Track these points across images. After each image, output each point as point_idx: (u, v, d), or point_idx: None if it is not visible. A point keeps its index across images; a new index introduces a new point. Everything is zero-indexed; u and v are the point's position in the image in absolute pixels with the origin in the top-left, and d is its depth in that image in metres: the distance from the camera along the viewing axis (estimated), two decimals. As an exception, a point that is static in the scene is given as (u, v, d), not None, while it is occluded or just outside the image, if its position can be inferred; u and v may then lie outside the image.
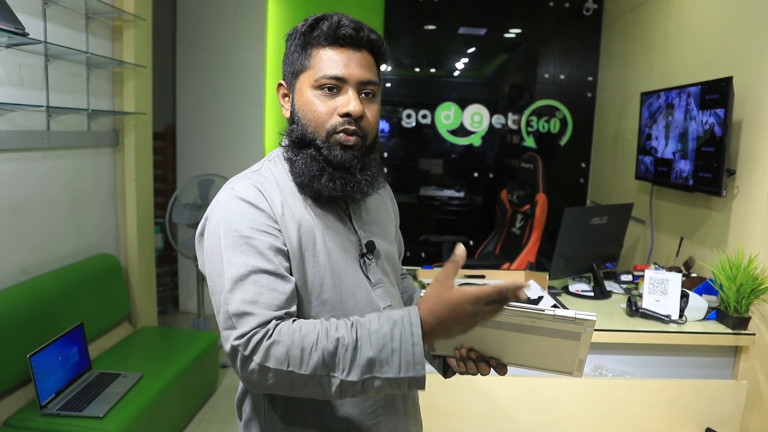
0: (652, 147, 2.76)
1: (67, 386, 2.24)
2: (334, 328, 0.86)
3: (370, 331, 0.85)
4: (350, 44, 0.98)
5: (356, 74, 0.98)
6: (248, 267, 0.89)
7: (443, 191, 4.43)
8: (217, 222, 0.94)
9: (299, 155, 1.00)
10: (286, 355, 0.83)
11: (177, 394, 2.55)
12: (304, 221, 0.98)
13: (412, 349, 0.84)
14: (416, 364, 0.84)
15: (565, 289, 2.42)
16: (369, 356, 0.84)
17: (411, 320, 0.85)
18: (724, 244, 2.27)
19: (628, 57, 3.53)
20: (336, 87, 0.98)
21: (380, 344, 0.84)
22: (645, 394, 1.98)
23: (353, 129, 0.98)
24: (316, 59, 0.98)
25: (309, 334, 0.84)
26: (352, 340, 0.84)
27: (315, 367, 0.83)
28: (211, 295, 0.93)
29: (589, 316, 0.92)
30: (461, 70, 4.35)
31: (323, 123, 0.98)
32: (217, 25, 4.06)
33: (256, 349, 0.84)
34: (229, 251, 0.91)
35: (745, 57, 2.19)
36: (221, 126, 4.15)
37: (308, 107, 0.99)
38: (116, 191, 3.06)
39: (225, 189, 0.98)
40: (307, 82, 0.99)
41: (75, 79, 2.66)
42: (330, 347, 0.83)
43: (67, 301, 2.48)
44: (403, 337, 0.84)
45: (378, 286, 1.06)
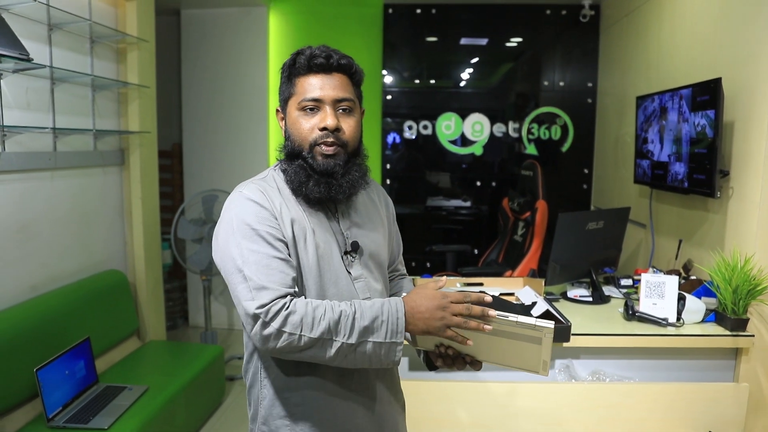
0: (648, 150, 2.76)
1: (74, 399, 2.28)
2: (337, 304, 1.09)
3: (365, 308, 1.10)
4: (323, 70, 1.18)
5: (330, 94, 1.18)
6: (260, 253, 1.09)
7: (450, 201, 4.45)
8: (230, 218, 1.14)
9: (291, 165, 1.20)
10: (300, 322, 1.05)
11: (182, 407, 2.58)
12: (298, 219, 1.18)
13: (396, 321, 1.10)
14: (398, 333, 1.09)
15: (564, 295, 2.42)
16: (365, 324, 1.08)
17: (397, 304, 1.11)
18: (721, 246, 2.26)
19: (625, 61, 3.54)
20: (315, 107, 1.18)
21: (373, 316, 1.09)
22: (644, 399, 1.97)
23: (331, 141, 1.18)
24: (298, 86, 1.20)
25: (319, 307, 1.07)
26: (351, 312, 1.08)
27: (322, 332, 1.06)
28: (227, 277, 1.12)
29: (548, 324, 1.07)
30: (461, 80, 4.38)
31: (306, 137, 1.18)
32: (219, 45, 4.14)
33: (275, 316, 1.04)
34: (244, 241, 1.11)
35: (734, 58, 2.19)
36: (227, 143, 4.22)
37: (295, 126, 1.20)
38: (123, 209, 3.13)
39: (236, 191, 1.19)
40: (294, 106, 1.20)
41: (80, 100, 2.73)
42: (335, 317, 1.07)
43: (75, 316, 2.53)
44: (390, 313, 1.10)
45: (359, 279, 1.24)
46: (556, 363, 2.06)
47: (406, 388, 1.66)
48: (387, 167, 4.35)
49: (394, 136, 4.35)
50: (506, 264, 3.54)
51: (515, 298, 2.28)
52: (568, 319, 1.99)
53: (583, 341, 1.98)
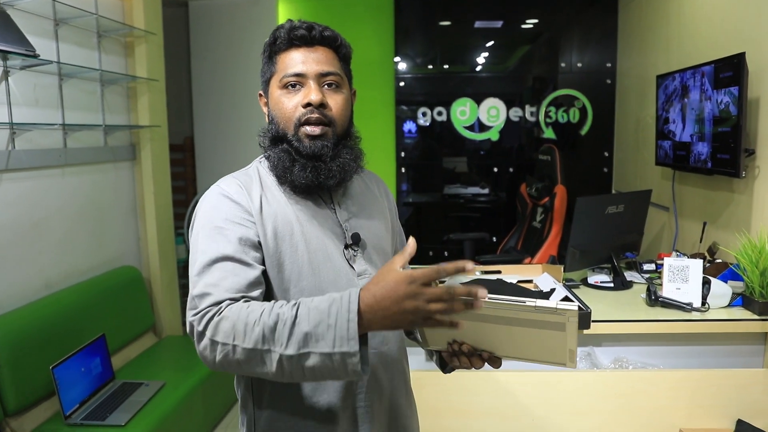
0: (669, 131, 2.70)
1: (91, 396, 2.32)
2: (278, 306, 0.91)
3: (310, 308, 0.89)
4: (305, 43, 1.09)
5: (313, 68, 1.08)
6: (217, 253, 0.98)
7: (467, 188, 4.42)
8: (201, 214, 1.05)
9: (274, 150, 1.10)
10: (231, 329, 0.89)
11: (199, 402, 2.61)
12: (283, 214, 1.07)
13: (347, 324, 0.86)
14: (350, 339, 0.86)
15: (584, 281, 2.39)
16: (306, 330, 0.87)
17: (350, 298, 0.88)
18: (747, 228, 2.20)
19: (644, 40, 3.46)
20: (298, 83, 1.08)
21: (317, 319, 0.87)
22: (669, 386, 1.94)
23: (316, 117, 1.07)
24: (279, 63, 1.10)
25: (254, 311, 0.90)
26: (291, 316, 0.88)
27: (256, 340, 0.88)
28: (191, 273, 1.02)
29: (571, 306, 0.93)
30: (477, 65, 4.33)
31: (290, 117, 1.08)
32: (229, 36, 4.15)
33: (207, 324, 0.91)
34: (204, 240, 1.01)
35: (758, 32, 2.13)
36: (239, 135, 4.23)
37: (277, 105, 1.10)
38: (136, 204, 3.16)
39: (214, 185, 1.09)
40: (275, 85, 1.11)
41: (89, 96, 2.75)
42: (270, 322, 0.88)
43: (90, 313, 2.56)
44: (339, 314, 0.87)
45: (363, 276, 1.10)
46: (578, 351, 2.03)
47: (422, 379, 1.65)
48: (402, 155, 4.33)
49: (409, 124, 4.32)
50: (525, 251, 3.51)
51: (534, 285, 2.26)
52: (587, 306, 1.96)
53: (604, 328, 1.95)
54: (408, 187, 4.41)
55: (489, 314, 0.98)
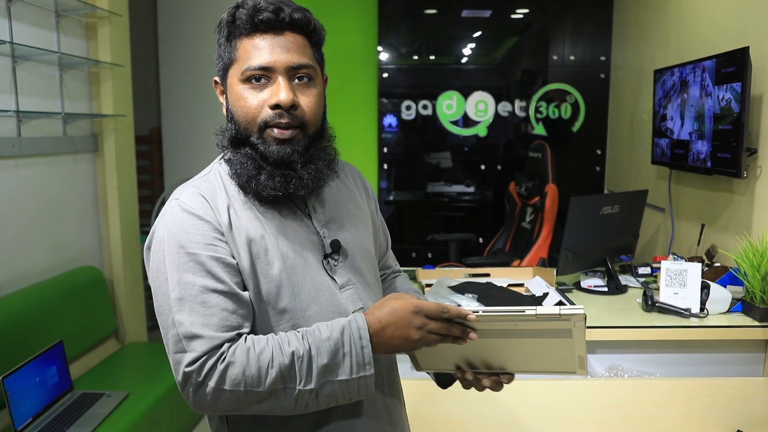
0: (667, 128, 2.71)
1: (46, 409, 2.25)
2: (286, 343, 0.91)
3: (321, 340, 0.91)
4: (272, 29, 0.97)
5: (283, 60, 0.97)
6: (196, 287, 0.91)
7: (451, 186, 4.41)
8: (162, 237, 0.95)
9: (237, 154, 1.00)
10: (242, 376, 0.88)
11: (166, 414, 2.55)
12: (253, 228, 0.98)
13: (361, 351, 0.92)
14: (366, 364, 0.93)
15: (577, 285, 2.39)
16: (324, 363, 0.90)
17: (358, 324, 0.93)
18: (748, 230, 2.22)
19: (641, 33, 3.48)
20: (264, 77, 0.97)
21: (333, 350, 0.91)
22: (665, 395, 1.94)
23: (286, 122, 0.97)
24: (240, 50, 0.98)
25: (264, 352, 0.89)
26: (306, 351, 0.90)
27: (272, 382, 0.88)
28: (157, 316, 0.95)
29: (576, 310, 0.91)
30: (465, 56, 4.32)
31: (254, 118, 0.98)
32: (200, 20, 4.07)
33: (210, 373, 0.87)
34: (175, 269, 0.92)
35: (762, 26, 2.15)
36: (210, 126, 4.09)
37: (238, 103, 0.99)
38: (97, 199, 3.08)
39: (171, 200, 0.99)
40: (235, 76, 0.99)
41: (47, 81, 2.68)
42: (286, 362, 0.89)
43: (46, 318, 2.49)
44: (352, 341, 0.92)
45: (347, 287, 1.05)
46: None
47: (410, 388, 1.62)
48: (384, 151, 4.30)
49: (390, 118, 4.29)
50: (513, 253, 3.51)
51: (525, 289, 2.25)
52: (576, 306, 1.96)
53: (599, 334, 1.95)
54: (390, 185, 4.39)
55: (486, 329, 0.96)
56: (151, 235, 0.99)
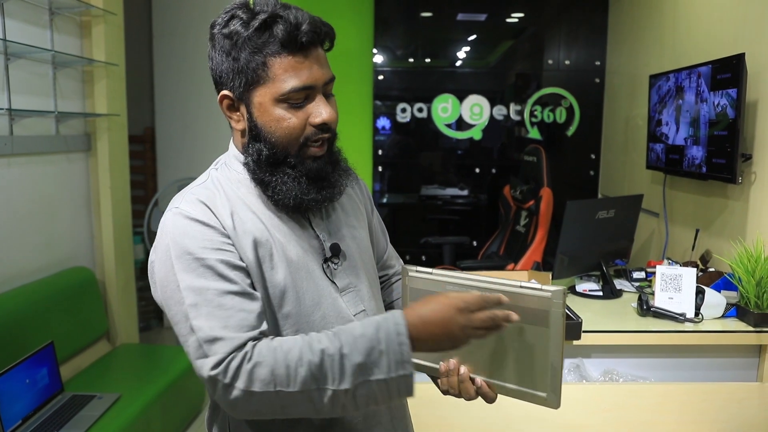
0: (662, 133, 2.73)
1: (36, 411, 2.22)
2: (316, 341, 0.87)
3: (355, 336, 0.87)
4: (310, 44, 0.94)
5: (321, 77, 0.96)
6: (209, 291, 0.89)
7: (446, 190, 4.40)
8: (166, 246, 0.92)
9: (275, 176, 0.97)
10: (271, 376, 0.84)
11: (158, 416, 2.53)
12: (258, 232, 0.97)
13: (399, 348, 0.87)
14: (404, 362, 0.87)
15: (572, 289, 2.39)
16: (358, 362, 0.86)
17: (395, 320, 0.88)
18: (743, 235, 2.23)
19: (637, 38, 3.50)
20: (306, 96, 0.96)
21: (368, 348, 0.86)
22: (660, 400, 1.95)
23: (327, 137, 0.98)
24: (275, 70, 0.93)
25: (291, 350, 0.86)
26: (337, 349, 0.86)
27: (303, 382, 0.85)
28: (173, 325, 0.92)
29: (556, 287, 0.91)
30: (460, 59, 4.33)
31: (297, 137, 0.96)
32: (195, 19, 4.05)
33: (237, 374, 0.84)
34: (186, 276, 0.90)
35: (758, 33, 2.16)
36: (204, 127, 4.14)
37: (278, 123, 0.95)
38: (90, 199, 3.06)
39: (170, 209, 0.97)
40: (269, 96, 0.95)
41: (40, 79, 2.65)
42: (316, 360, 0.85)
43: (37, 319, 2.46)
44: (389, 338, 0.87)
45: (347, 291, 1.05)
46: (565, 362, 2.03)
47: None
48: (379, 153, 4.30)
49: (383, 120, 4.29)
50: (508, 256, 3.51)
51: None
52: (578, 315, 1.96)
53: (594, 339, 1.95)
54: (384, 187, 4.38)
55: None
56: (154, 248, 0.96)
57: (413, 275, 1.06)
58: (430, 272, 1.03)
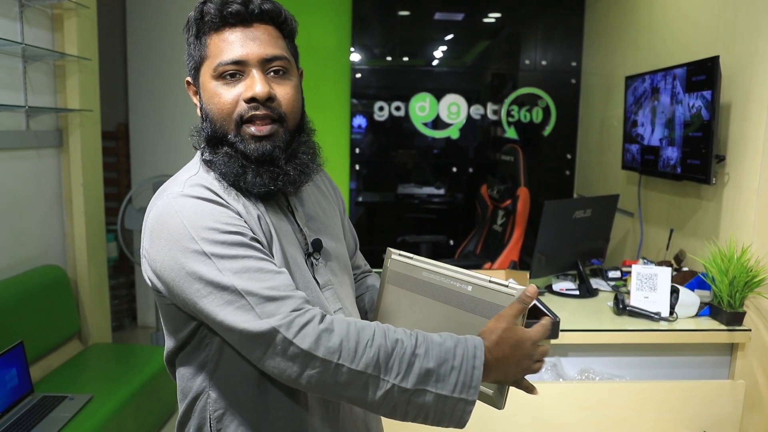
0: (638, 134, 2.75)
1: (5, 413, 2.15)
2: (392, 330, 0.85)
3: (433, 342, 0.85)
4: (241, 21, 0.94)
5: (255, 52, 0.93)
6: (246, 258, 0.86)
7: (422, 188, 4.40)
8: (179, 226, 0.87)
9: (216, 155, 0.96)
10: (339, 346, 0.81)
11: (131, 417, 2.47)
12: (260, 217, 0.96)
13: (472, 371, 0.84)
14: (471, 387, 0.84)
15: (549, 288, 2.40)
16: (428, 366, 0.83)
17: (475, 343, 0.86)
18: (716, 235, 2.26)
19: (612, 40, 3.53)
20: (237, 72, 0.94)
21: (442, 358, 0.84)
22: (636, 398, 1.97)
23: (263, 113, 0.94)
24: (211, 47, 0.95)
25: (366, 329, 0.84)
26: (411, 346, 0.84)
27: (367, 364, 0.82)
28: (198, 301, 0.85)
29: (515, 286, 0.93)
30: (437, 59, 4.32)
31: (230, 113, 0.94)
32: (169, 15, 3.98)
33: (303, 332, 0.81)
34: (216, 248, 0.85)
35: (732, 35, 2.19)
36: (179, 123, 4.06)
37: (212, 100, 0.95)
38: (62, 196, 2.98)
39: (164, 197, 0.92)
40: (208, 74, 0.96)
41: (9, 73, 2.57)
42: (388, 347, 0.83)
43: (6, 318, 2.39)
44: (465, 357, 0.85)
45: (327, 287, 1.03)
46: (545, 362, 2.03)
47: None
48: (356, 151, 4.27)
49: (359, 119, 4.26)
50: (485, 255, 3.52)
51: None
52: (556, 314, 1.97)
53: (571, 337, 1.96)
54: (360, 185, 4.36)
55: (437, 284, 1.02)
56: (154, 232, 0.90)
57: (395, 258, 1.09)
58: (411, 257, 1.07)
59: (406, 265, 1.07)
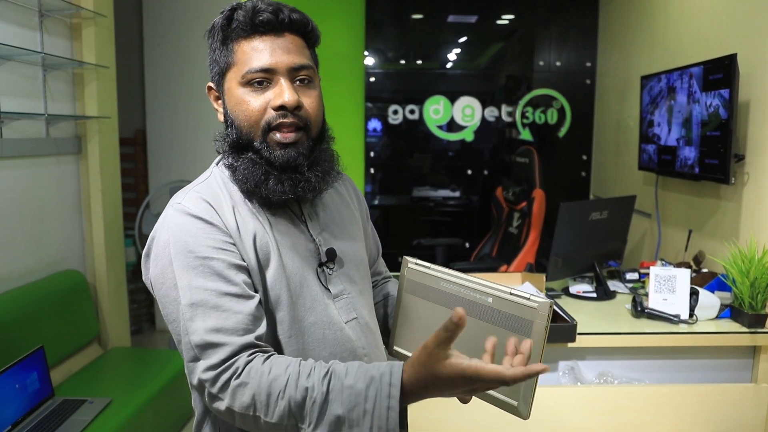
0: (654, 134, 2.71)
1: (26, 416, 2.17)
2: (305, 375, 0.83)
3: (344, 386, 0.82)
4: (271, 30, 0.95)
5: (284, 61, 0.95)
6: (207, 291, 0.87)
7: (437, 191, 4.38)
8: (166, 242, 0.91)
9: (239, 160, 0.97)
10: (252, 400, 0.83)
11: (150, 420, 2.48)
12: (259, 233, 0.96)
13: (386, 413, 0.79)
14: (389, 429, 0.79)
15: (566, 291, 2.37)
16: (338, 414, 0.81)
17: (391, 380, 0.80)
18: (736, 236, 2.22)
19: (627, 39, 3.49)
20: (265, 80, 0.95)
21: (352, 402, 0.80)
22: (655, 402, 1.93)
23: (290, 122, 0.95)
24: (239, 53, 0.96)
25: (278, 379, 0.83)
26: (321, 393, 0.82)
27: (281, 416, 0.82)
28: (167, 324, 0.92)
29: (542, 299, 0.90)
30: (451, 61, 4.31)
31: (257, 120, 0.95)
32: (186, 22, 4.01)
33: (224, 388, 0.84)
34: (184, 274, 0.88)
35: (750, 33, 2.15)
36: (195, 129, 4.09)
37: (239, 106, 0.96)
38: (81, 202, 3.00)
39: (171, 205, 0.95)
40: (234, 80, 0.96)
41: (30, 81, 2.60)
42: (298, 397, 0.82)
43: (27, 323, 2.41)
44: (378, 399, 0.80)
45: (341, 297, 1.02)
46: (560, 365, 2.01)
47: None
48: (371, 155, 4.26)
49: (374, 122, 4.25)
50: (500, 258, 3.49)
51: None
52: (573, 318, 1.94)
53: (589, 341, 1.93)
54: (376, 189, 4.35)
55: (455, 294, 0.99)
56: (151, 241, 0.95)
57: (412, 267, 1.07)
58: (428, 267, 1.05)
59: (423, 274, 1.05)
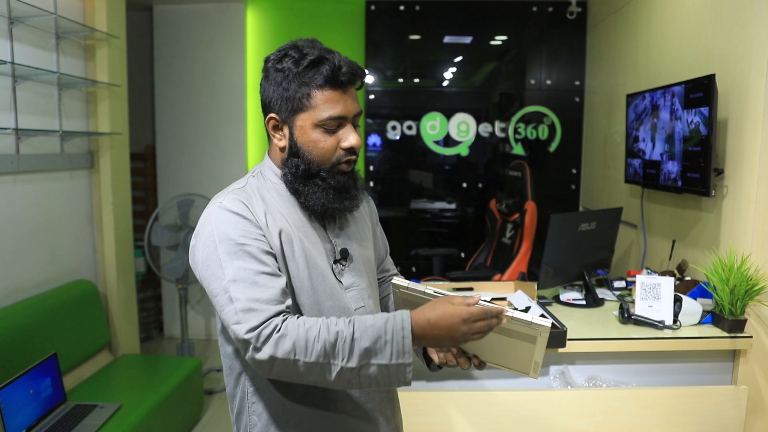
0: (639, 149, 2.75)
1: (39, 421, 2.19)
2: (333, 323, 1.01)
3: (366, 326, 1.01)
4: (348, 83, 1.13)
5: (352, 110, 1.14)
6: (246, 270, 1.04)
7: (434, 203, 4.42)
8: (211, 232, 1.08)
9: (307, 186, 1.15)
10: (292, 346, 0.98)
11: (158, 424, 2.50)
12: (285, 230, 1.13)
13: (402, 341, 1.00)
14: (405, 353, 1.00)
15: (556, 299, 2.40)
16: (366, 346, 1.00)
17: (402, 317, 1.02)
18: (716, 245, 2.25)
19: (613, 59, 3.54)
20: (338, 125, 1.13)
21: (375, 336, 1.00)
22: (642, 404, 1.95)
23: (354, 158, 1.17)
24: (317, 100, 1.11)
25: (312, 328, 1.00)
26: (349, 333, 1.00)
27: (318, 355, 0.98)
28: (212, 297, 1.07)
29: (544, 323, 1.05)
30: (447, 80, 4.36)
31: (329, 157, 1.14)
32: (195, 42, 4.07)
33: (266, 341, 0.98)
34: (227, 257, 1.05)
35: (726, 54, 2.20)
36: (203, 145, 4.14)
37: (314, 144, 1.13)
38: (93, 214, 3.04)
39: (213, 204, 1.12)
40: (309, 121, 1.12)
41: (46, 100, 2.64)
42: (330, 338, 0.99)
43: (41, 331, 2.44)
44: (394, 331, 1.00)
45: (351, 288, 1.20)
46: (551, 369, 2.03)
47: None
48: (370, 169, 4.31)
49: (374, 137, 4.30)
50: (494, 267, 3.52)
51: (508, 302, 2.25)
52: (563, 324, 1.97)
53: (578, 346, 1.96)
54: (376, 201, 4.38)
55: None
56: (197, 234, 1.11)
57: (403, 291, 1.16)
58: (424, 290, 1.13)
59: (416, 296, 1.13)
